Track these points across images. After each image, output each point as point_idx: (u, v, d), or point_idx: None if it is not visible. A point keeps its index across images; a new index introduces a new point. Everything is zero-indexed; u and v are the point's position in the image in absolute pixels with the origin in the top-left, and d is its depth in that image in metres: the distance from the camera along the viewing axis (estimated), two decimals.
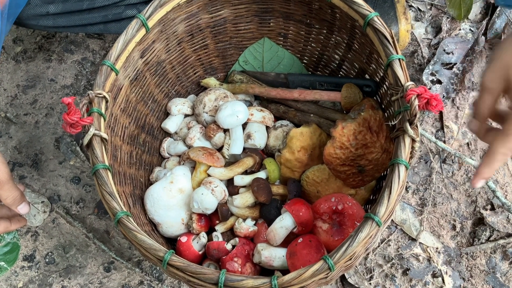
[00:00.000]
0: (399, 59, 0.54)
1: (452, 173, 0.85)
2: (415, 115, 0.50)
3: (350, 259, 0.52)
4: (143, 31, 0.59)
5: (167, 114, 0.77)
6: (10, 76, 0.95)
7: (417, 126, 0.52)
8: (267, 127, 0.73)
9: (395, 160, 0.51)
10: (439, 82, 0.88)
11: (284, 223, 0.63)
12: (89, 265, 0.82)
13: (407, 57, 0.91)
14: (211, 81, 0.77)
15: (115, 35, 0.92)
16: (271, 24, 0.73)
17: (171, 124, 0.76)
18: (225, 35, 0.74)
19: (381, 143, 0.61)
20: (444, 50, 0.90)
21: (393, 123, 0.53)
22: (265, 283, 0.48)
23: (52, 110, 0.92)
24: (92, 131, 0.52)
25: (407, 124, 0.51)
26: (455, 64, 0.89)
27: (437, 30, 0.93)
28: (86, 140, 0.52)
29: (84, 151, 0.89)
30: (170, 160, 0.75)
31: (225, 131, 0.72)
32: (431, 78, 0.88)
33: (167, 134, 0.78)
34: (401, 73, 0.53)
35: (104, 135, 0.53)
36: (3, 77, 0.95)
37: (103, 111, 0.54)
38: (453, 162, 0.85)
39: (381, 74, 0.65)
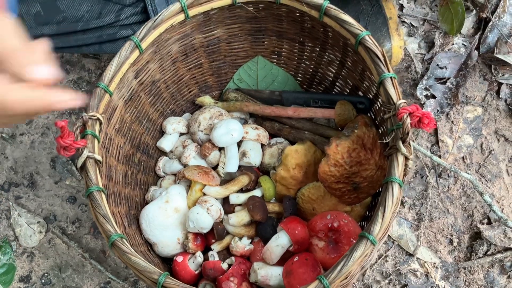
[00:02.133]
0: (391, 78, 0.54)
1: (448, 187, 0.85)
2: (407, 133, 0.50)
3: (346, 278, 0.52)
4: (136, 53, 0.59)
5: (162, 133, 0.77)
6: None
7: (409, 144, 0.52)
8: (262, 145, 0.73)
9: (389, 178, 0.51)
10: (433, 96, 0.89)
11: (280, 242, 0.63)
12: (85, 286, 0.82)
13: (400, 72, 0.92)
14: (206, 99, 0.78)
15: (110, 55, 0.93)
16: (265, 42, 0.73)
17: (166, 143, 0.76)
18: (219, 54, 0.74)
19: (375, 160, 0.62)
20: (438, 65, 0.90)
21: (386, 140, 0.53)
22: None
23: (47, 129, 0.92)
24: (85, 153, 0.52)
25: (400, 142, 0.51)
26: (448, 78, 0.89)
27: (430, 45, 0.93)
28: (79, 163, 0.52)
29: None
30: (166, 179, 0.75)
31: (220, 149, 0.72)
32: (425, 93, 0.89)
33: (163, 153, 0.78)
34: (393, 91, 0.54)
35: (98, 157, 0.53)
36: None
37: (97, 133, 0.55)
38: (448, 177, 0.85)
39: (374, 92, 0.65)
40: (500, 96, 0.89)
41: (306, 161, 0.68)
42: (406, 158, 0.52)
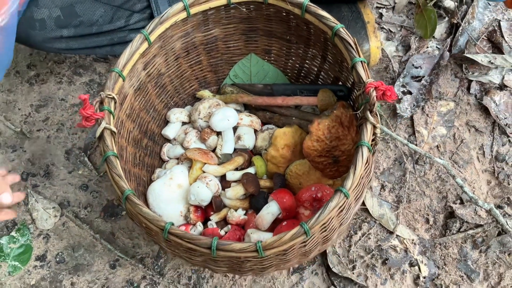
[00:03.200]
0: (361, 61, 0.64)
1: (424, 172, 0.94)
2: (374, 104, 0.60)
3: (324, 225, 0.61)
4: (145, 45, 0.69)
5: (166, 122, 0.87)
6: (25, 97, 1.05)
7: (376, 114, 0.61)
8: (255, 131, 0.83)
9: (359, 143, 0.60)
10: (410, 93, 0.99)
11: (270, 209, 0.72)
12: (96, 263, 0.90)
13: (380, 71, 1.02)
14: (205, 93, 0.88)
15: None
16: (257, 41, 0.84)
17: (170, 131, 0.86)
18: (216, 51, 0.84)
19: (352, 136, 0.71)
20: (413, 65, 1.01)
21: (357, 113, 0.63)
22: (251, 245, 0.56)
23: (62, 126, 1.01)
24: (103, 124, 0.61)
25: (368, 113, 0.61)
26: (423, 77, 1.00)
27: (407, 48, 1.04)
28: (98, 132, 0.62)
29: (91, 161, 0.98)
30: (169, 162, 0.84)
31: (218, 134, 0.82)
32: (402, 89, 0.99)
33: (167, 140, 0.88)
34: (363, 72, 0.64)
35: (113, 129, 0.63)
36: (18, 98, 1.05)
37: (112, 109, 0.64)
38: (424, 163, 0.94)
39: (352, 81, 0.75)
40: (470, 91, 0.99)
41: (293, 142, 0.77)
42: (374, 127, 0.62)
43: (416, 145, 0.95)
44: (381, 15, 1.07)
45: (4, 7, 0.67)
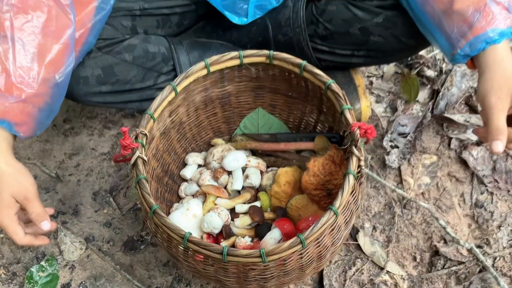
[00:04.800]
0: (348, 108, 0.79)
1: (411, 216, 1.05)
2: (358, 140, 0.74)
3: (318, 242, 0.72)
4: (173, 94, 0.85)
5: (184, 164, 1.01)
6: (60, 146, 1.20)
7: (360, 149, 0.75)
8: (261, 172, 0.96)
9: (346, 171, 0.73)
10: (397, 147, 1.13)
11: (273, 235, 0.84)
12: None
13: None
14: (219, 141, 1.02)
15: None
16: (264, 97, 1.00)
17: (188, 172, 0.99)
18: (229, 105, 1.00)
19: (343, 172, 0.84)
20: (400, 123, 1.16)
21: (345, 147, 0.77)
22: (256, 252, 0.68)
23: (91, 171, 1.15)
24: (137, 153, 0.75)
25: (353, 148, 0.74)
26: (408, 133, 1.14)
27: (394, 110, 1.20)
28: (132, 160, 0.75)
29: (116, 202, 1.11)
30: (186, 199, 0.97)
31: (229, 173, 0.95)
32: (390, 144, 1.13)
33: (184, 179, 1.01)
34: (350, 116, 0.78)
35: (145, 157, 0.77)
36: (54, 147, 1.20)
37: (144, 143, 0.79)
38: (411, 208, 1.06)
39: (343, 129, 0.90)
40: (451, 147, 1.13)
41: (294, 179, 0.90)
42: (359, 159, 0.75)
43: (403, 191, 1.08)
44: (371, 83, 1.24)
45: (62, 67, 0.83)
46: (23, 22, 0.77)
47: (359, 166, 0.75)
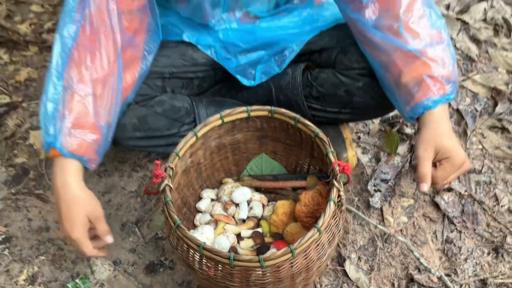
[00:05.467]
0: (331, 151, 1.01)
1: (391, 249, 1.23)
2: (337, 174, 0.95)
3: (305, 254, 0.91)
4: (194, 139, 1.08)
5: (200, 198, 1.22)
6: (94, 186, 1.42)
7: (339, 182, 0.96)
8: (263, 205, 1.17)
9: (328, 199, 0.94)
10: (379, 191, 1.33)
11: None
12: None
13: (358, 175, 1.38)
14: (229, 180, 1.23)
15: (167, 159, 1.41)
16: (267, 144, 1.22)
17: (203, 205, 1.20)
18: (239, 151, 1.22)
19: None
20: (382, 171, 1.37)
21: (328, 180, 0.97)
22: (256, 258, 0.87)
23: (120, 206, 1.36)
24: (165, 181, 0.97)
25: (334, 180, 0.95)
26: (389, 180, 1.35)
27: (378, 160, 1.41)
28: (162, 187, 0.97)
29: (140, 232, 1.31)
30: (200, 226, 1.17)
31: (236, 205, 1.15)
32: (373, 188, 1.33)
33: (199, 211, 1.21)
34: (332, 157, 1.00)
35: (171, 185, 0.98)
36: (89, 186, 1.39)
37: (171, 174, 1.00)
38: (391, 242, 1.25)
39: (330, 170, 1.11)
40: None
41: (289, 210, 1.10)
42: (339, 190, 0.95)
43: (384, 228, 1.26)
44: (359, 137, 1.47)
45: (115, 115, 1.08)
46: (96, 79, 1.02)
47: (339, 195, 0.96)
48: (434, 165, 1.02)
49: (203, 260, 0.93)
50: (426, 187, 0.99)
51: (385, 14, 1.04)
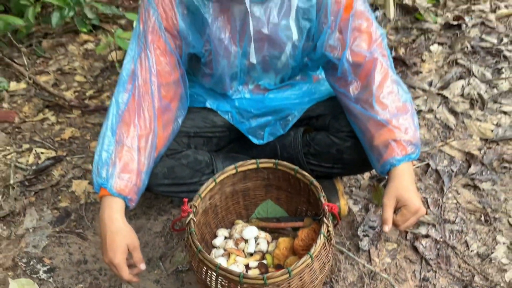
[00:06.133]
0: (323, 196, 1.26)
1: (376, 284, 1.45)
2: (326, 213, 1.20)
3: (300, 276, 1.14)
4: (213, 184, 1.34)
5: (215, 236, 1.46)
6: None
7: (328, 220, 1.20)
8: (268, 241, 1.40)
9: (319, 232, 1.18)
10: (368, 236, 1.56)
11: None
12: None
13: (349, 222, 1.61)
14: (240, 221, 1.48)
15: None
16: (272, 192, 1.48)
17: (217, 242, 1.44)
18: (248, 197, 1.48)
19: None
20: (370, 219, 1.60)
21: (319, 218, 1.21)
22: (261, 276, 1.10)
23: (147, 244, 1.60)
24: (190, 216, 1.22)
25: (324, 218, 1.20)
26: (376, 227, 1.58)
27: (367, 210, 1.65)
28: (187, 220, 1.22)
29: (163, 266, 1.54)
30: (215, 259, 1.40)
31: (246, 241, 1.39)
32: (363, 233, 1.57)
33: (214, 246, 1.45)
34: (323, 200, 1.25)
35: (194, 219, 1.23)
36: None
37: (195, 211, 1.26)
38: (376, 279, 1.46)
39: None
40: (407, 238, 1.56)
41: (289, 246, 1.34)
42: (327, 226, 1.20)
43: (371, 268, 1.49)
44: (352, 191, 1.72)
45: (151, 165, 1.35)
46: (140, 135, 1.30)
47: (328, 230, 1.20)
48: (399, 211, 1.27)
49: (219, 278, 1.16)
50: (387, 228, 1.23)
51: (363, 90, 1.34)
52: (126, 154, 1.27)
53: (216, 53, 1.39)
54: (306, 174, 1.33)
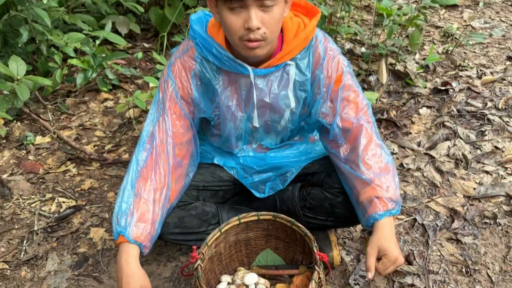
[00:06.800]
0: (315, 246, 1.43)
1: None
2: (318, 261, 1.36)
3: None
4: (218, 234, 1.51)
5: (219, 281, 1.61)
6: None
7: (320, 268, 1.36)
8: (266, 287, 1.56)
9: (311, 278, 1.34)
10: (359, 284, 1.71)
11: None
12: None
13: (342, 271, 1.76)
14: (242, 269, 1.64)
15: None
16: (271, 242, 1.64)
17: (221, 287, 1.59)
18: (250, 246, 1.65)
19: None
20: (361, 269, 1.76)
21: (312, 265, 1.37)
22: None
23: (157, 287, 1.76)
24: (198, 262, 1.39)
25: (315, 266, 1.36)
26: (366, 276, 1.73)
27: (358, 260, 1.80)
28: (195, 265, 1.38)
29: None
30: None
31: (247, 287, 1.55)
32: (353, 281, 1.72)
33: None
34: (315, 249, 1.41)
35: (202, 264, 1.40)
36: None
37: (202, 257, 1.42)
38: None
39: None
40: (394, 287, 1.70)
41: None
42: (318, 273, 1.36)
43: None
44: (345, 242, 1.88)
45: (164, 216, 1.53)
46: (156, 189, 1.49)
47: (319, 277, 1.36)
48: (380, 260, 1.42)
49: None
50: (370, 275, 1.39)
51: (351, 152, 1.53)
52: (143, 206, 1.46)
53: (224, 117, 1.60)
54: (301, 226, 1.50)
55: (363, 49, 3.05)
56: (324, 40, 1.55)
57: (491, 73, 2.90)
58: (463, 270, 1.74)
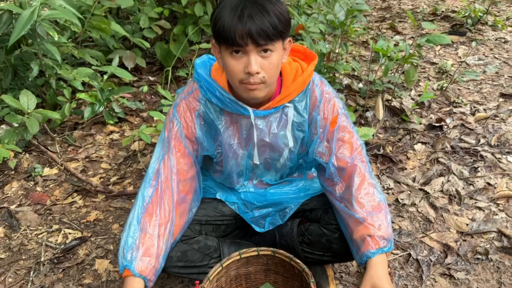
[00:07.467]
0: (312, 281, 1.49)
1: None
2: (312, 278, 1.42)
3: None
4: (220, 268, 1.58)
5: None
6: None
7: (315, 285, 1.42)
8: None
9: None
10: None
11: None
12: None
13: None
14: None
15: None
16: (270, 276, 1.71)
17: None
18: (250, 279, 1.71)
19: None
20: None
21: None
22: None
23: None
24: None
25: (311, 284, 1.43)
26: None
27: None
28: None
29: None
30: None
31: None
32: None
33: None
34: (312, 285, 1.48)
35: None
36: None
37: None
38: None
39: None
40: None
41: None
42: None
43: None
44: (342, 277, 1.94)
45: (168, 251, 1.60)
46: (160, 224, 1.56)
47: None
48: None
49: None
50: None
51: (346, 190, 1.61)
52: (148, 240, 1.53)
53: (226, 155, 1.69)
54: (299, 262, 1.57)
55: (360, 85, 3.16)
56: (321, 83, 1.65)
57: (484, 109, 3.00)
58: None
